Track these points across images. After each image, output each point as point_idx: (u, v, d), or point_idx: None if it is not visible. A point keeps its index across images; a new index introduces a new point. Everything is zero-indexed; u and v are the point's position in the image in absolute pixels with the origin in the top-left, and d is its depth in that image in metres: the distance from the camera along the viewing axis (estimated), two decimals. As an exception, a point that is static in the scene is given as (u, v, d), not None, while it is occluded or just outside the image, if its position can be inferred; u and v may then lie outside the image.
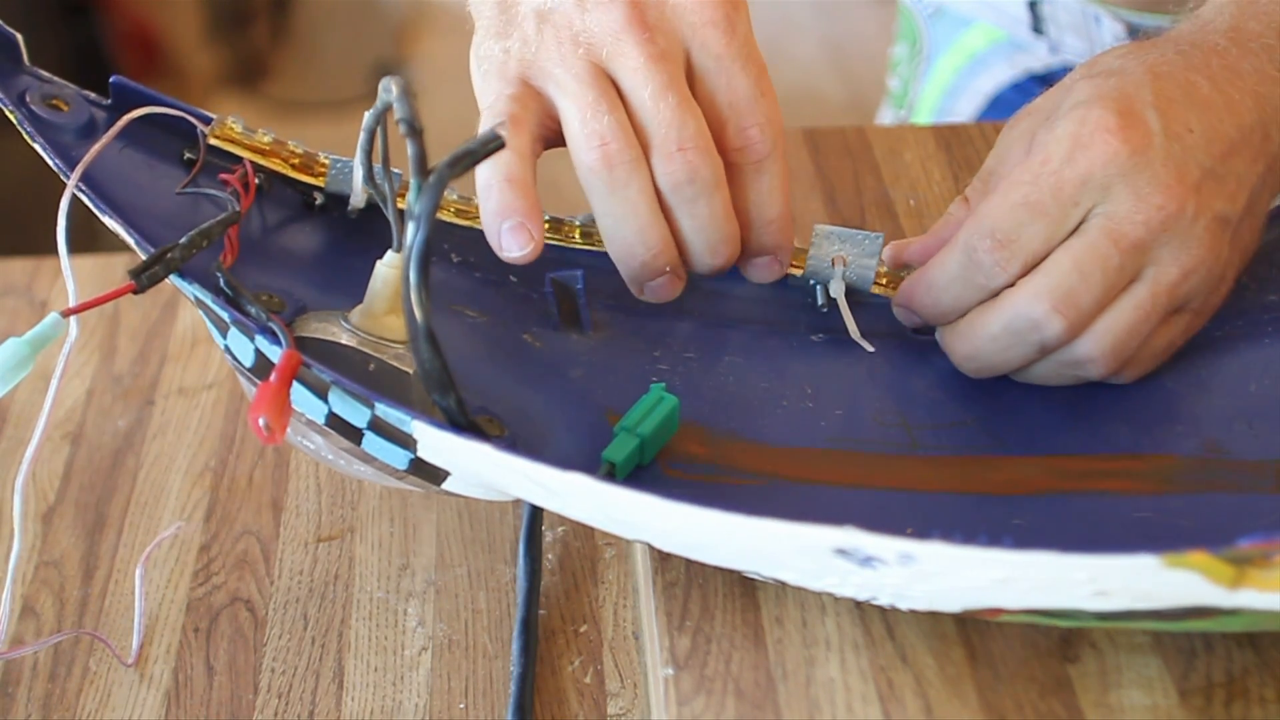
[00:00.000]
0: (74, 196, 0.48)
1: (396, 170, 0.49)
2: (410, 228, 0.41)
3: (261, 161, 0.53)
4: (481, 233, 0.56)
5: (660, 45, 0.50)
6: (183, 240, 0.48)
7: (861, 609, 0.46)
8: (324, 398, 0.46)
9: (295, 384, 0.45)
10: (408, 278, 0.41)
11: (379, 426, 0.45)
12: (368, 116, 0.46)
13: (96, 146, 0.49)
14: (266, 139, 0.54)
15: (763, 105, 0.51)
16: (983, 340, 0.51)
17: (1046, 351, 0.50)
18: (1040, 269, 0.49)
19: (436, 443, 0.44)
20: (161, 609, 0.57)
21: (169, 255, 0.47)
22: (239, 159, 0.53)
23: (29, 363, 0.45)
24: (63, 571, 0.59)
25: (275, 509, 0.61)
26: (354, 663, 0.55)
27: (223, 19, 2.23)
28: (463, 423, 0.44)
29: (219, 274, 0.49)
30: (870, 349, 0.54)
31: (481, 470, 0.45)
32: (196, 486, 0.62)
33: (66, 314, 0.46)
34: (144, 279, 0.46)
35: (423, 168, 0.42)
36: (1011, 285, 0.50)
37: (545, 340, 0.53)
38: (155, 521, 0.61)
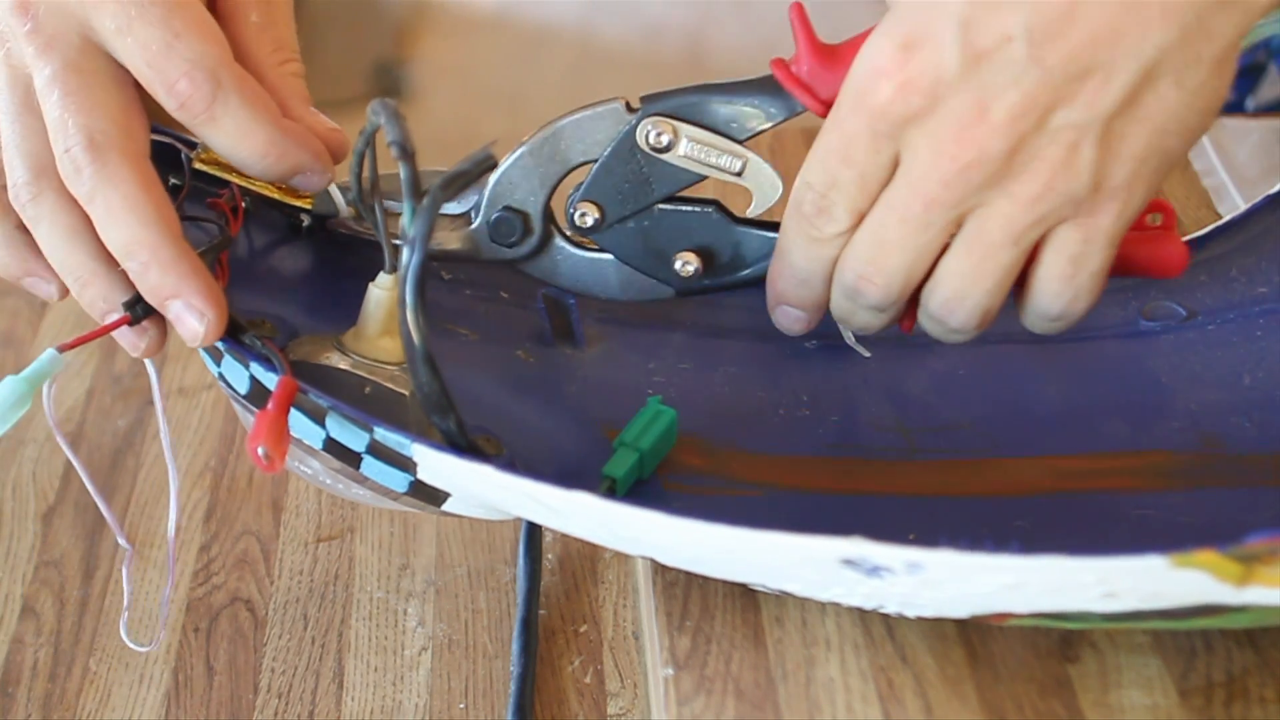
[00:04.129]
0: None
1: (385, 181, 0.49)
2: (405, 251, 0.41)
3: (247, 185, 0.53)
4: None
5: (48, 30, 0.44)
6: None
7: (862, 609, 0.46)
8: (321, 423, 0.46)
9: (292, 410, 0.45)
10: (404, 300, 0.41)
11: (378, 450, 0.45)
12: (358, 140, 0.46)
13: None
14: None
15: (180, 48, 0.44)
16: (832, 303, 0.48)
17: (888, 314, 0.47)
18: (859, 229, 0.45)
19: (437, 465, 0.44)
20: (161, 609, 0.57)
21: None
22: (225, 182, 0.52)
23: (27, 400, 0.45)
24: (63, 571, 0.59)
25: (275, 509, 0.61)
26: (354, 663, 0.55)
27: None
28: (463, 444, 0.44)
29: None
30: (866, 354, 0.54)
31: (483, 491, 0.45)
32: (196, 486, 0.62)
33: (63, 349, 0.46)
34: (139, 310, 0.46)
35: (416, 190, 0.42)
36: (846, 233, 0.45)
37: (539, 356, 0.53)
38: (155, 521, 0.61)
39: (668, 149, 0.48)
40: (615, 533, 0.44)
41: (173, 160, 0.52)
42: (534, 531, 0.57)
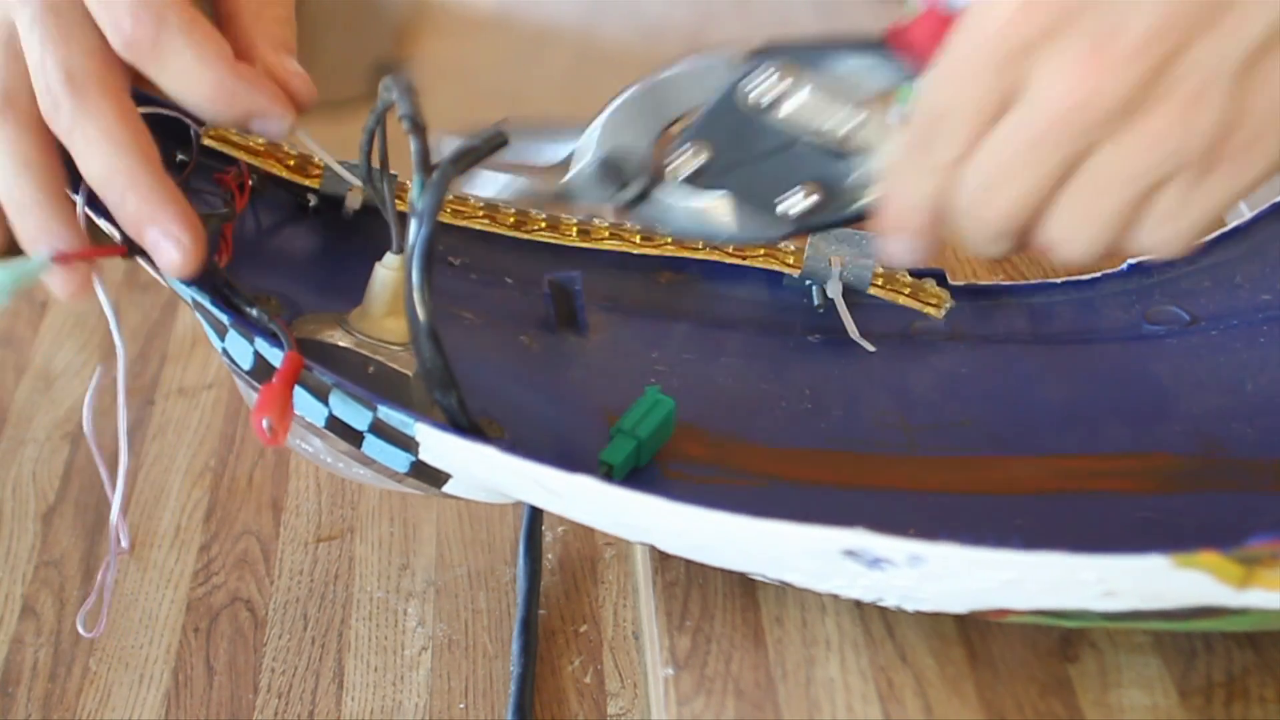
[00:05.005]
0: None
1: (393, 172, 0.49)
2: (413, 225, 0.41)
3: (256, 163, 0.53)
4: (478, 234, 0.56)
5: None
6: None
7: (862, 608, 0.46)
8: (324, 400, 0.46)
9: (296, 387, 0.45)
10: (410, 276, 0.41)
11: (380, 429, 0.45)
12: (369, 117, 0.46)
13: None
14: (261, 140, 0.54)
15: None
16: (952, 228, 0.44)
17: (1007, 243, 0.44)
18: (971, 159, 0.42)
19: (439, 445, 0.44)
20: (161, 609, 0.57)
21: None
22: (233, 160, 0.53)
23: (2, 294, 0.44)
24: (63, 571, 0.59)
25: (275, 509, 0.61)
26: (354, 663, 0.55)
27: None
28: (465, 423, 0.44)
29: (216, 275, 0.48)
30: (870, 348, 0.54)
31: (484, 472, 0.45)
32: (196, 486, 0.62)
33: (58, 259, 0.46)
34: (136, 246, 0.46)
35: (425, 165, 0.42)
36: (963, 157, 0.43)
37: (543, 342, 0.53)
38: (155, 521, 0.61)
39: (776, 104, 0.44)
40: (615, 518, 0.44)
41: (180, 135, 0.52)
42: (534, 531, 0.57)
